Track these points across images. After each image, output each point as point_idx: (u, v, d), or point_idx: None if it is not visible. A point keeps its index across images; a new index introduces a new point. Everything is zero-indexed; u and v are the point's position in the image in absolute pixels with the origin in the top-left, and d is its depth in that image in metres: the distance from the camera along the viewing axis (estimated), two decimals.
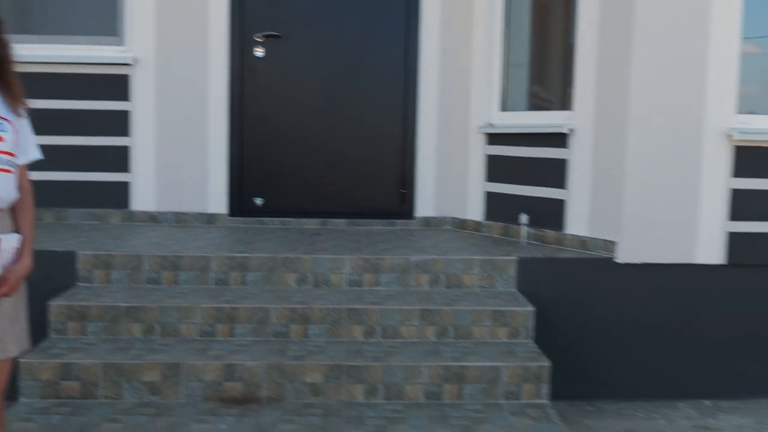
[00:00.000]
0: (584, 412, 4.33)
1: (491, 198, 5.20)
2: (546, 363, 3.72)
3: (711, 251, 4.45)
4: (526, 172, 4.96)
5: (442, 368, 3.68)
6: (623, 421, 4.24)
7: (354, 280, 4.35)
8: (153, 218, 5.41)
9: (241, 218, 5.47)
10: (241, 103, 5.42)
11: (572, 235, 4.66)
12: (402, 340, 3.99)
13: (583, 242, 4.60)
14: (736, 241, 4.45)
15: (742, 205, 4.43)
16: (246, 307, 3.98)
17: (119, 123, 5.37)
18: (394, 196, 5.52)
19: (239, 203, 5.48)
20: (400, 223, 5.51)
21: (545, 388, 3.72)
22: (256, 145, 5.46)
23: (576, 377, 4.46)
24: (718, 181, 4.41)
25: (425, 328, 4.00)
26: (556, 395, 4.28)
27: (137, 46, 5.33)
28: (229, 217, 5.46)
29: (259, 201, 5.47)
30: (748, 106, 4.48)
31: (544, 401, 3.72)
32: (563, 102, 4.84)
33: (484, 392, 3.70)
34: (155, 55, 5.35)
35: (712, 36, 4.32)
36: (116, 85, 5.35)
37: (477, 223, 5.29)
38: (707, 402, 4.55)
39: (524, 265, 4.39)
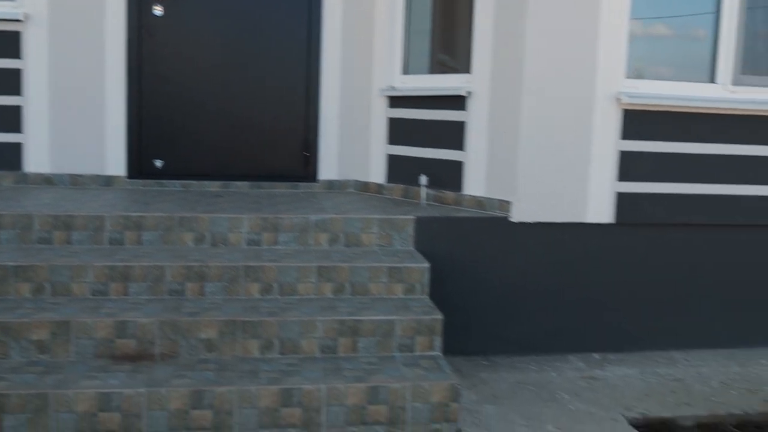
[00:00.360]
0: (479, 366, 4.46)
1: (393, 160, 5.26)
2: (439, 316, 3.81)
3: (600, 211, 4.63)
4: (427, 134, 5.03)
5: (337, 323, 3.72)
6: (516, 373, 4.39)
7: (253, 239, 4.35)
8: (48, 180, 5.26)
9: (141, 181, 5.37)
10: (140, 63, 5.31)
11: (470, 195, 4.77)
12: (299, 297, 4.02)
13: (479, 202, 4.71)
14: (623, 200, 4.64)
15: (629, 166, 4.62)
16: (141, 266, 3.92)
17: (10, 81, 5.18)
18: (297, 159, 5.52)
19: (138, 165, 5.37)
20: (303, 186, 5.52)
21: (438, 341, 3.81)
22: (155, 106, 5.36)
23: (472, 333, 4.58)
24: (607, 143, 4.57)
25: (322, 284, 4.04)
26: (452, 350, 4.41)
27: (29, 1, 5.14)
28: (128, 180, 5.35)
29: (158, 163, 5.38)
30: (636, 71, 4.67)
31: (437, 353, 3.81)
32: (463, 66, 4.92)
33: (378, 345, 3.76)
34: (48, 11, 5.17)
35: (602, 3, 4.46)
36: (7, 42, 5.15)
37: (379, 185, 5.34)
38: (596, 355, 4.75)
39: (422, 224, 4.47)
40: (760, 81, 4.80)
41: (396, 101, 5.22)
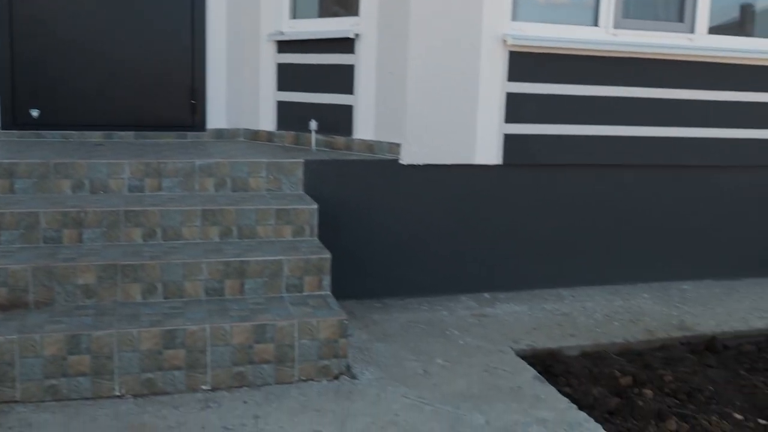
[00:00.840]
0: (372, 309, 4.47)
1: (283, 107, 5.17)
2: (327, 255, 3.78)
3: (489, 152, 4.68)
4: (317, 79, 4.96)
5: (223, 264, 3.64)
6: (408, 314, 4.41)
7: (135, 185, 4.19)
8: None
9: (16, 132, 5.10)
10: (10, 4, 5.00)
11: (360, 139, 4.74)
12: (184, 241, 3.91)
13: (369, 146, 4.68)
14: (511, 142, 4.70)
15: (516, 108, 4.68)
16: (13, 213, 3.73)
17: None
18: (184, 108, 5.35)
19: (12, 115, 5.09)
20: (191, 136, 5.36)
21: (327, 280, 3.78)
22: (30, 51, 5.07)
23: (365, 276, 4.58)
24: (494, 85, 4.61)
25: (208, 228, 3.94)
26: (345, 294, 4.38)
27: None
28: (2, 131, 5.07)
29: (35, 113, 5.11)
30: (522, 13, 4.71)
31: (326, 292, 3.79)
32: (351, 9, 4.85)
33: (266, 286, 3.71)
34: None
35: None
36: None
37: (269, 133, 5.24)
38: (487, 294, 4.83)
39: (311, 167, 4.41)
40: (641, 24, 4.92)
41: (285, 46, 5.11)
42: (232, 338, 3.33)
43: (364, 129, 4.72)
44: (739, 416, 3.41)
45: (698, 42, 5.01)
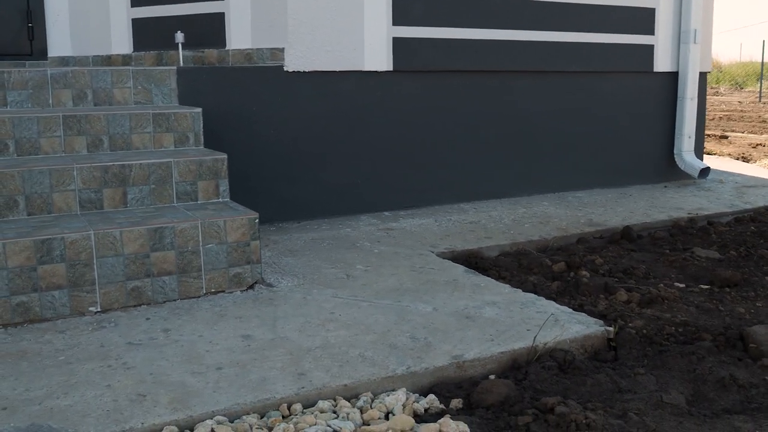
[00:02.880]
0: (267, 232, 3.98)
1: (140, 25, 4.55)
2: (222, 156, 3.27)
3: (378, 57, 4.32)
4: None
5: (99, 169, 3.04)
6: (309, 233, 3.97)
7: None
8: None
9: None
10: None
11: (236, 49, 4.23)
12: (43, 156, 3.26)
13: (247, 55, 4.19)
14: (400, 46, 4.36)
15: (404, 8, 4.34)
16: None
17: None
18: (19, 33, 4.59)
19: None
20: (30, 65, 4.61)
21: (224, 185, 3.27)
22: None
23: (256, 199, 4.05)
24: None
25: (72, 139, 3.31)
26: None
27: None
28: None
29: None
30: None
31: (226, 199, 3.28)
32: None
33: (153, 195, 3.14)
34: None
35: None
36: None
37: (125, 56, 4.60)
38: (387, 213, 4.47)
39: (186, 75, 3.86)
40: None
41: None
42: (124, 246, 2.76)
43: (239, 37, 4.22)
44: (680, 285, 3.26)
45: None
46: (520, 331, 2.59)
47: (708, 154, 7.90)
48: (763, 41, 20.35)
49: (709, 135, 9.87)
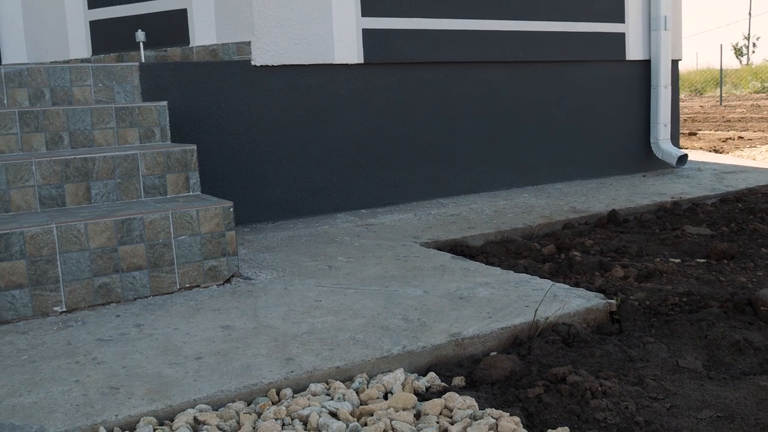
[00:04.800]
0: (242, 232, 3.80)
1: (98, 27, 4.36)
2: (191, 147, 3.09)
3: (348, 50, 4.18)
4: None
5: (60, 164, 2.84)
6: (285, 231, 3.80)
7: None
8: None
9: None
10: None
11: (200, 46, 4.06)
12: None
13: (213, 51, 4.02)
14: (370, 38, 4.23)
15: None
16: None
17: None
18: None
19: None
20: None
21: (195, 177, 3.09)
22: None
23: (227, 198, 3.88)
24: None
25: (30, 136, 3.11)
26: None
27: None
28: None
29: None
30: None
31: (197, 192, 3.10)
32: None
33: (119, 189, 2.95)
34: None
35: None
36: None
37: (84, 61, 4.41)
38: (364, 210, 4.32)
39: (149, 72, 3.68)
40: None
41: None
42: (90, 240, 2.56)
43: (203, 33, 4.05)
44: (676, 260, 3.14)
45: None
46: (519, 307, 2.43)
47: (680, 148, 7.87)
48: (720, 45, 20.67)
49: (684, 134, 9.89)
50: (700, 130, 10.95)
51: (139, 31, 4.09)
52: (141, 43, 4.09)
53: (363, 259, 3.15)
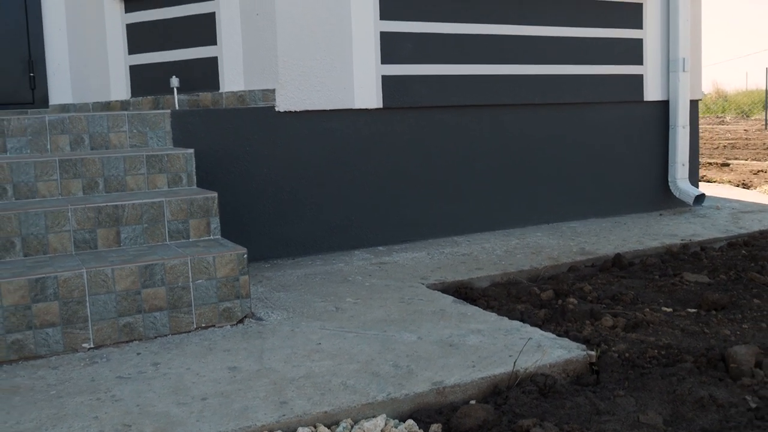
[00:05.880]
0: (261, 269, 4.06)
1: (137, 71, 4.68)
2: (212, 194, 3.36)
3: (368, 96, 4.42)
4: (172, 34, 4.52)
5: (93, 211, 3.13)
6: (302, 269, 4.04)
7: None
8: None
9: None
10: None
11: (229, 92, 4.34)
12: (41, 198, 3.35)
13: (240, 98, 4.30)
14: (389, 84, 4.47)
15: (391, 47, 4.46)
16: None
17: None
18: (21, 83, 4.74)
19: None
20: (32, 113, 4.74)
21: (215, 222, 3.35)
22: None
23: (250, 237, 4.15)
24: (367, 23, 4.38)
25: (69, 182, 3.41)
26: None
27: None
28: None
29: None
30: None
31: (217, 237, 3.36)
32: None
33: (146, 234, 3.23)
34: None
35: None
36: None
37: (123, 102, 4.73)
38: (380, 247, 4.54)
39: (180, 119, 3.97)
40: None
41: (133, 3, 4.64)
42: (116, 284, 2.84)
43: (232, 80, 4.34)
44: (667, 309, 3.29)
45: None
46: (503, 357, 2.63)
47: (708, 181, 7.94)
48: (767, 68, 20.47)
49: (710, 163, 9.92)
50: (736, 158, 10.95)
51: (174, 77, 4.39)
52: (175, 89, 4.39)
53: (369, 301, 3.37)
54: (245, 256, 3.07)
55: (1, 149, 3.64)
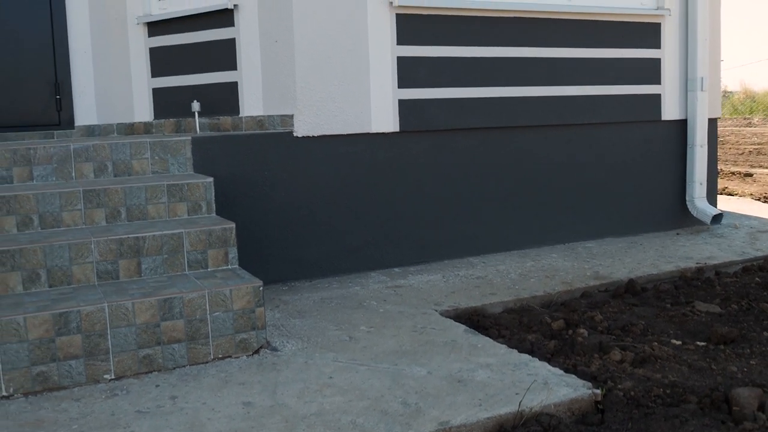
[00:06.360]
0: (279, 291, 4.15)
1: (160, 94, 4.79)
2: (230, 225, 3.45)
3: (385, 119, 4.49)
4: (194, 59, 4.63)
5: (115, 243, 3.23)
6: (319, 292, 4.12)
7: (1, 176, 3.71)
8: None
9: None
10: None
11: (249, 116, 4.44)
12: (65, 228, 3.47)
13: (259, 122, 4.39)
14: (406, 108, 4.54)
15: (408, 72, 4.53)
16: None
17: None
18: (47, 105, 4.87)
19: None
20: (58, 134, 4.88)
21: (233, 252, 3.45)
22: None
23: (268, 260, 4.25)
24: (384, 48, 4.45)
25: (92, 211, 3.52)
26: None
27: None
28: None
29: None
30: None
31: (234, 266, 3.45)
32: None
33: (166, 264, 3.33)
34: None
35: None
36: None
37: (146, 124, 4.85)
38: (397, 269, 4.61)
39: (200, 145, 4.07)
40: None
41: (156, 28, 4.75)
42: (136, 317, 2.94)
43: (251, 105, 4.43)
44: (676, 342, 3.33)
45: (576, 0, 5.06)
46: (509, 395, 2.69)
47: (729, 194, 7.91)
48: None
49: (733, 173, 9.85)
50: (761, 166, 10.86)
51: (195, 102, 4.49)
52: (196, 113, 4.50)
53: (382, 330, 3.45)
54: (261, 288, 3.16)
55: (28, 177, 3.76)
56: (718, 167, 10.05)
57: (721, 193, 7.89)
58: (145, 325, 2.96)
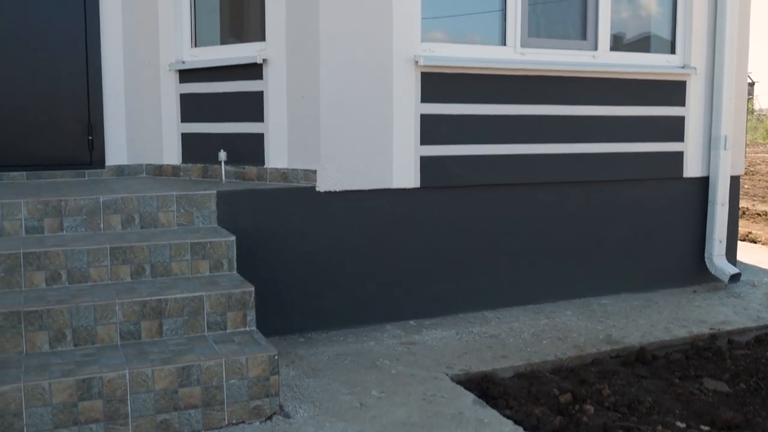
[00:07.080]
0: (296, 344, 4.25)
1: (188, 139, 4.93)
2: (249, 288, 3.56)
3: (406, 176, 4.58)
4: (223, 108, 4.75)
5: (138, 304, 3.36)
6: (334, 346, 4.22)
7: (33, 226, 3.86)
8: None
9: None
10: None
11: (273, 168, 4.55)
12: (92, 284, 3.60)
13: (284, 174, 4.50)
14: (427, 164, 4.62)
15: (431, 129, 4.61)
16: None
17: None
18: (80, 145, 5.02)
19: None
20: (89, 174, 5.03)
21: (251, 314, 3.56)
22: None
23: (286, 310, 4.36)
24: (408, 106, 4.54)
25: (118, 268, 3.65)
26: (267, 330, 4.15)
27: None
28: None
29: None
30: (432, 34, 4.67)
31: (252, 328, 3.56)
32: (256, 34, 4.69)
33: (186, 325, 3.45)
34: None
35: None
36: None
37: (174, 167, 4.98)
38: (412, 322, 4.70)
39: (224, 198, 4.19)
40: (546, 43, 4.98)
41: (187, 75, 4.88)
42: (155, 383, 3.06)
43: (276, 157, 4.54)
44: (681, 425, 3.39)
45: (601, 59, 5.12)
46: None
47: (752, 241, 7.86)
48: None
49: (759, 214, 9.75)
50: None
51: (222, 151, 4.61)
52: (222, 162, 4.62)
53: (393, 396, 3.54)
54: (276, 357, 3.26)
55: (58, 228, 3.90)
56: (743, 205, 10.00)
57: (744, 239, 7.86)
58: (164, 391, 3.08)
